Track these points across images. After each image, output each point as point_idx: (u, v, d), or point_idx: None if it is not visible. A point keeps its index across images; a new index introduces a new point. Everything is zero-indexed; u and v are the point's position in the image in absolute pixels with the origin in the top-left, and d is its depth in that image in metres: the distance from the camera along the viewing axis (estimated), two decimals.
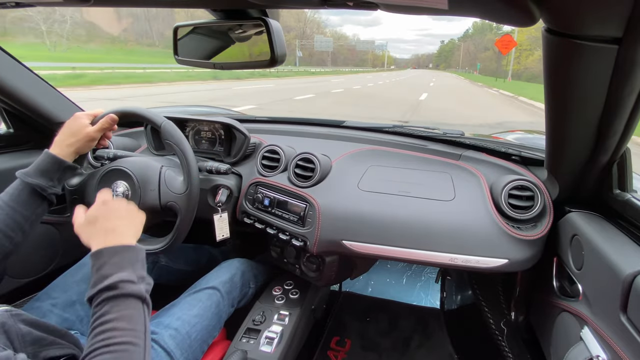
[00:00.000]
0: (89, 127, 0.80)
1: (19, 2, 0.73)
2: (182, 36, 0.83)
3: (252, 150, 1.13)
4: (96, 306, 0.54)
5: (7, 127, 1.12)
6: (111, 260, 0.58)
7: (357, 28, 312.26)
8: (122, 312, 0.53)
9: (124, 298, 0.55)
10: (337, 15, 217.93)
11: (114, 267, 0.57)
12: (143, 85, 12.08)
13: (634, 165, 0.69)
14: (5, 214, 0.69)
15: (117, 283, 0.55)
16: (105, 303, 0.54)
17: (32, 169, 0.74)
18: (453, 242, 0.83)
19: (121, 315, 0.53)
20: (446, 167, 0.99)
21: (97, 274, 0.57)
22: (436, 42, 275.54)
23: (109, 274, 0.56)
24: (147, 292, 0.59)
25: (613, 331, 0.57)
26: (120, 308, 0.54)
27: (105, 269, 0.57)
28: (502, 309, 1.12)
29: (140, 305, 0.56)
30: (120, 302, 0.54)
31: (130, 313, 0.54)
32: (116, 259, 0.58)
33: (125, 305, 0.54)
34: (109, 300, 0.54)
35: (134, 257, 0.60)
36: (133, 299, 0.56)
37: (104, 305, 0.53)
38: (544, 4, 0.40)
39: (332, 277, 1.07)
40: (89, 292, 0.55)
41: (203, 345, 0.84)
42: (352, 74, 39.07)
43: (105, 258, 0.58)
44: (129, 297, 0.55)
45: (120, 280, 0.55)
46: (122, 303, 0.54)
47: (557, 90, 0.57)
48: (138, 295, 0.56)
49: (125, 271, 0.57)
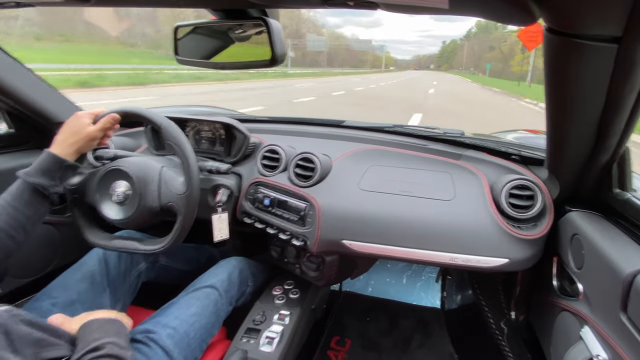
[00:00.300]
0: (91, 127, 0.80)
1: (19, 2, 0.73)
2: (182, 36, 0.83)
3: (252, 150, 1.13)
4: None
5: (7, 127, 1.12)
6: (99, 329, 0.62)
7: (358, 29, 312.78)
8: None
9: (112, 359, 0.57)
10: (338, 16, 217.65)
11: (100, 333, 0.61)
12: (81, 90, 9.38)
13: (634, 164, 0.69)
14: (8, 214, 0.69)
15: (104, 345, 0.58)
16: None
17: (33, 169, 0.74)
18: (453, 241, 0.83)
19: None
20: (446, 167, 0.99)
21: (81, 344, 0.59)
22: (438, 43, 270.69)
23: (95, 339, 0.59)
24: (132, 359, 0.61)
25: (613, 330, 0.57)
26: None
27: (92, 336, 0.60)
28: (502, 309, 1.12)
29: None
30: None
31: None
32: (103, 328, 0.62)
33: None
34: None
35: (119, 329, 0.64)
36: None
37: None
38: (545, 3, 0.40)
39: (332, 277, 1.07)
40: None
41: (202, 344, 0.84)
42: (341, 76, 33.76)
43: (92, 327, 0.63)
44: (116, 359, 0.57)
45: (107, 342, 0.58)
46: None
47: (558, 90, 0.57)
48: (124, 359, 0.58)
49: (111, 337, 0.60)
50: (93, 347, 0.57)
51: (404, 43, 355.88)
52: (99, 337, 0.59)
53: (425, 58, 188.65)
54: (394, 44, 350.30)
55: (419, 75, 52.74)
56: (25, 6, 0.76)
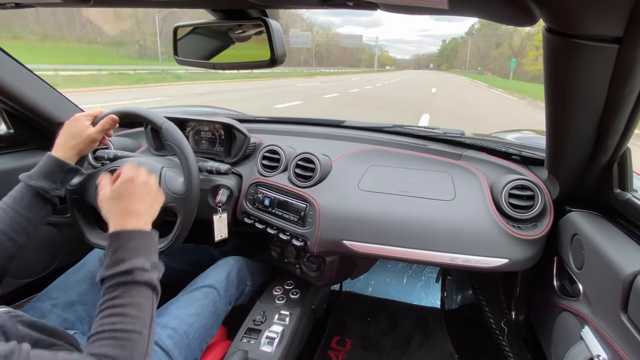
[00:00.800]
0: (90, 129, 0.80)
1: (18, 3, 0.73)
2: (182, 36, 0.83)
3: (252, 150, 1.13)
4: (108, 288, 0.55)
5: (7, 128, 1.12)
6: (128, 244, 0.59)
7: (358, 29, 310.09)
8: (132, 299, 0.55)
9: (137, 285, 0.56)
10: (337, 15, 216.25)
11: (130, 253, 0.58)
12: None
13: (634, 164, 0.68)
14: (9, 217, 0.70)
15: (131, 270, 0.56)
16: (118, 288, 0.55)
17: (35, 172, 0.74)
18: (453, 241, 0.83)
19: (131, 302, 0.54)
20: (446, 167, 0.99)
21: (112, 256, 0.58)
22: (437, 43, 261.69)
23: (125, 258, 0.57)
24: (157, 279, 0.60)
25: (613, 330, 0.57)
26: (132, 294, 0.55)
27: (121, 253, 0.58)
28: (502, 309, 1.12)
29: (150, 293, 0.58)
30: (132, 289, 0.56)
31: (140, 301, 0.56)
32: (132, 244, 0.60)
33: (136, 292, 0.56)
34: (122, 286, 0.55)
35: (149, 244, 0.62)
36: (145, 287, 0.57)
37: (116, 290, 0.55)
38: (544, 4, 0.40)
39: (332, 277, 1.07)
40: (103, 272, 0.57)
41: (201, 343, 0.84)
42: (321, 76, 29.89)
43: (122, 241, 0.60)
44: (141, 285, 0.57)
45: (135, 268, 0.57)
46: (133, 290, 0.56)
47: (558, 90, 0.57)
48: (150, 284, 0.58)
49: (140, 258, 0.58)
50: (121, 271, 0.56)
51: (404, 42, 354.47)
52: (128, 258, 0.58)
53: (425, 57, 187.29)
54: (394, 43, 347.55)
55: (415, 75, 50.32)
56: (25, 7, 0.76)
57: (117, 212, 0.64)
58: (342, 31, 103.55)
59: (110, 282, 0.56)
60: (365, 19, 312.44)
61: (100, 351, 0.49)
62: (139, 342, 0.52)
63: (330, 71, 49.24)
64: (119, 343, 0.51)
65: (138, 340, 0.52)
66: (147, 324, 0.55)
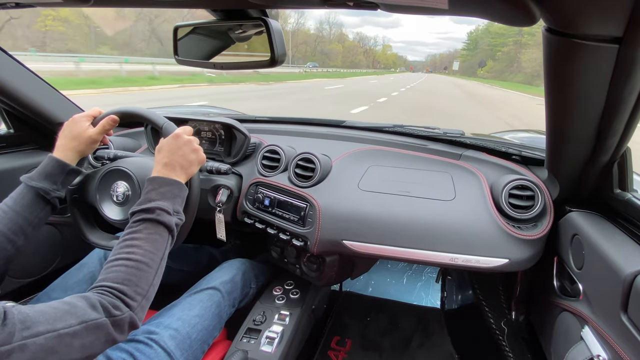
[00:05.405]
0: (90, 130, 0.80)
1: (18, 3, 0.73)
2: (182, 36, 0.83)
3: (253, 150, 1.13)
4: (134, 222, 0.64)
5: (7, 128, 1.12)
6: (160, 188, 0.68)
7: (376, 29, 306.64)
8: (150, 235, 0.63)
9: (156, 224, 0.64)
10: (356, 15, 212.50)
11: (159, 195, 0.67)
12: None
13: (634, 164, 0.69)
14: (9, 218, 0.70)
15: (155, 209, 0.64)
16: (141, 223, 0.63)
17: (36, 173, 0.74)
18: (453, 242, 0.83)
19: (148, 237, 0.62)
20: (446, 167, 0.99)
21: (145, 195, 0.67)
22: (457, 46, 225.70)
23: (153, 199, 0.66)
24: (177, 225, 0.68)
25: (614, 331, 0.57)
26: (150, 231, 0.63)
27: (152, 194, 0.67)
28: (502, 309, 1.12)
29: (167, 234, 0.65)
30: (152, 226, 0.63)
31: (156, 238, 0.63)
32: (164, 189, 0.68)
33: (155, 229, 0.64)
34: (144, 222, 0.63)
35: (177, 193, 0.70)
36: (163, 227, 0.65)
37: (140, 224, 0.63)
38: (544, 4, 0.40)
39: (332, 277, 1.07)
40: (134, 207, 0.65)
41: (203, 345, 0.84)
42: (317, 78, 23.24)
43: (155, 185, 0.68)
44: (160, 225, 0.64)
45: (158, 207, 0.65)
46: (153, 227, 0.64)
47: (558, 90, 0.57)
48: (168, 225, 0.65)
49: (166, 202, 0.67)
50: (147, 208, 0.65)
51: (422, 45, 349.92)
52: (155, 199, 0.66)
53: (442, 57, 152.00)
54: (412, 45, 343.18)
55: (412, 77, 36.35)
56: (25, 7, 0.76)
57: (159, 161, 0.73)
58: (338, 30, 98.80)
59: (136, 217, 0.64)
60: (384, 20, 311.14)
61: (110, 276, 0.56)
62: (148, 272, 0.59)
63: (330, 72, 47.19)
64: (129, 270, 0.57)
65: (146, 271, 0.59)
66: (157, 260, 0.62)
